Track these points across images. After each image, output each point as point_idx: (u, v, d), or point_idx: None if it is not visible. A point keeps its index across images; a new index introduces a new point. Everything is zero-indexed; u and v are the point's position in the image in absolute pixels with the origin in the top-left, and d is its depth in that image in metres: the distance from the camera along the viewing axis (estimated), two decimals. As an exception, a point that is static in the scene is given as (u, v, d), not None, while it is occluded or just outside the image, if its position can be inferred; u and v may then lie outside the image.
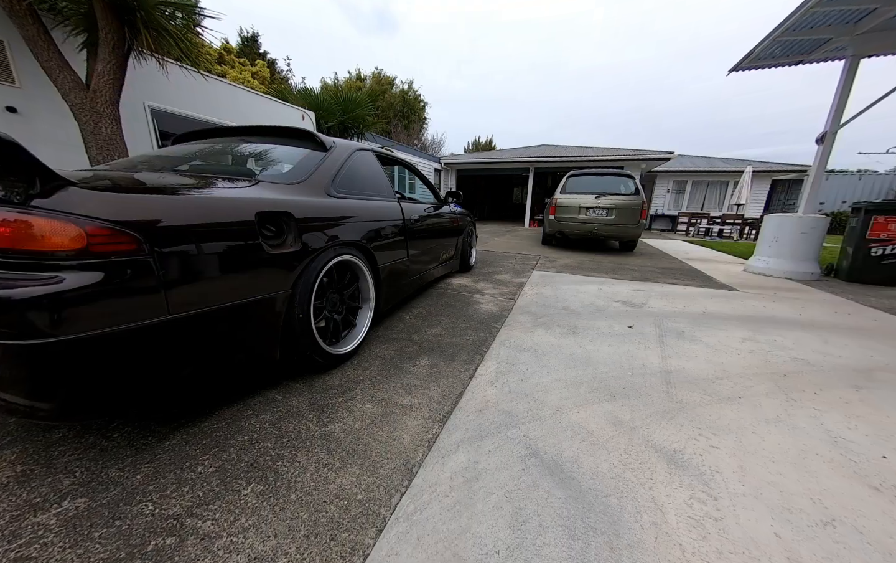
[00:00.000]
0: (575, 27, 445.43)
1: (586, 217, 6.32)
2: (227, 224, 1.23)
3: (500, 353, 2.11)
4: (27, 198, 0.87)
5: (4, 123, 2.99)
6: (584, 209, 6.31)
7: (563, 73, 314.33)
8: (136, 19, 2.54)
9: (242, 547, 0.90)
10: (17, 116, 3.05)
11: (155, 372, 1.10)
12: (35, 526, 0.93)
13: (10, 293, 0.82)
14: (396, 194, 2.61)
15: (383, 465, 1.19)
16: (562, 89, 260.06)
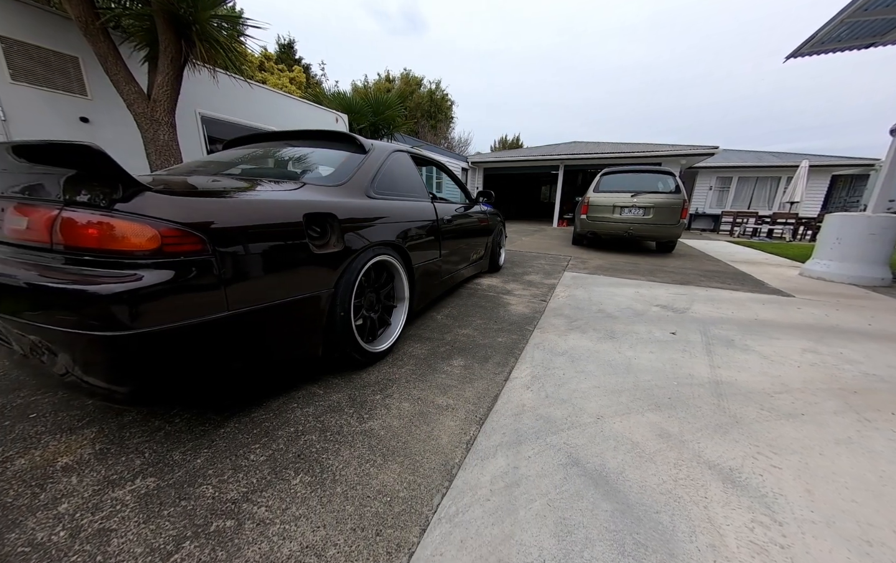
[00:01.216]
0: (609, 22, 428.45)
1: (621, 216, 6.06)
2: (279, 225, 1.29)
3: (535, 356, 2.07)
4: (111, 202, 0.96)
5: (78, 132, 3.31)
6: (618, 208, 6.06)
7: (595, 69, 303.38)
8: (192, 33, 2.74)
9: (294, 535, 0.94)
10: (88, 125, 3.38)
11: (215, 365, 1.18)
12: (113, 501, 1.03)
13: (97, 289, 0.91)
14: (429, 194, 2.63)
15: (423, 464, 1.20)
16: (593, 86, 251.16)
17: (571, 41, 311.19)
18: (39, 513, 0.98)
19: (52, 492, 1.05)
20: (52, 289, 0.94)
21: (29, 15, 2.98)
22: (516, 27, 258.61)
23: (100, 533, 0.93)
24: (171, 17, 2.69)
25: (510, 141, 34.76)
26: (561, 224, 13.81)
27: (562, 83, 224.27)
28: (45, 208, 1.00)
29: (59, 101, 3.20)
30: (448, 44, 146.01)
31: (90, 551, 0.88)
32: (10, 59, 2.88)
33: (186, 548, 0.90)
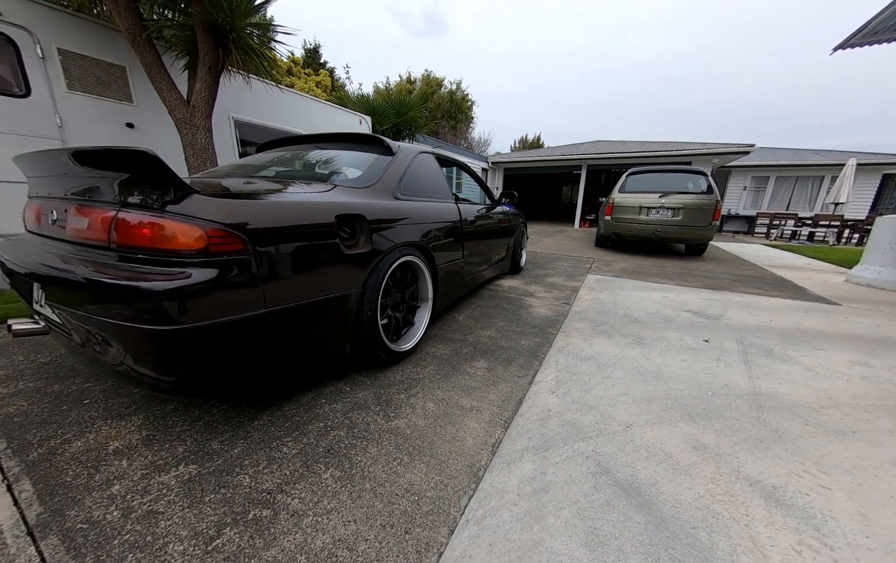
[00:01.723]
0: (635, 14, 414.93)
1: (648, 218, 5.85)
2: (312, 226, 1.33)
3: (559, 360, 2.03)
4: (163, 204, 1.02)
5: (124, 136, 3.54)
6: (645, 209, 5.86)
7: (621, 65, 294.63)
8: (229, 41, 2.88)
9: (327, 528, 0.97)
10: (133, 131, 3.61)
11: (253, 360, 1.23)
12: (160, 485, 1.09)
13: (150, 286, 0.97)
14: (453, 196, 2.64)
15: (449, 465, 1.21)
16: (619, 82, 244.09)
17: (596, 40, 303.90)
18: (95, 493, 1.06)
19: (105, 474, 1.13)
20: (109, 285, 1.01)
21: (84, 29, 3.22)
22: (538, 26, 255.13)
23: (149, 515, 0.99)
24: (209, 26, 2.83)
25: (531, 141, 34.30)
26: (583, 225, 13.50)
27: (585, 81, 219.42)
28: (104, 210, 1.08)
29: (107, 107, 3.43)
30: (469, 44, 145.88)
31: (141, 531, 0.94)
32: (66, 70, 3.12)
33: (227, 534, 0.94)
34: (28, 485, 1.08)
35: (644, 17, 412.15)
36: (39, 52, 2.97)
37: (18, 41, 2.89)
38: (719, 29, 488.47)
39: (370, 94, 10.94)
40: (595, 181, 16.54)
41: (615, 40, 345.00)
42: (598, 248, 7.15)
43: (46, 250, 1.25)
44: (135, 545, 0.90)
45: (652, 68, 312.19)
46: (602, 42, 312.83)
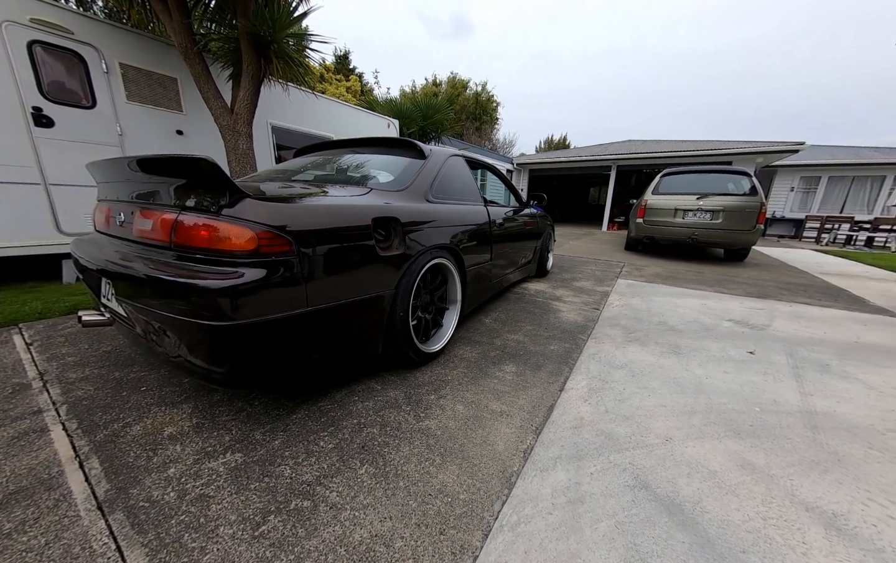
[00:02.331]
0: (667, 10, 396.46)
1: (684, 221, 5.57)
2: (351, 228, 1.38)
3: (591, 368, 1.98)
4: (219, 207, 1.09)
5: (175, 143, 3.81)
6: (681, 211, 5.58)
7: (653, 58, 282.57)
8: (270, 51, 3.03)
9: (364, 522, 1.00)
10: (182, 137, 3.88)
11: (296, 356, 1.29)
12: (209, 471, 1.17)
13: (207, 284, 1.04)
14: (482, 198, 2.63)
15: (481, 468, 1.21)
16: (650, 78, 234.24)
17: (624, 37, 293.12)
18: (154, 474, 1.14)
19: (161, 457, 1.22)
20: (170, 282, 1.09)
21: (141, 44, 3.50)
22: (567, 24, 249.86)
23: (201, 498, 1.06)
24: (252, 38, 3.00)
25: (556, 141, 33.60)
26: (611, 228, 13.06)
27: (615, 79, 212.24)
28: (166, 213, 1.17)
29: (160, 116, 3.71)
30: (495, 44, 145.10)
31: (194, 512, 1.01)
32: (126, 82, 3.41)
33: (271, 522, 0.99)
34: (96, 463, 1.18)
35: (683, 10, 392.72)
36: (104, 67, 3.26)
37: (87, 57, 3.19)
38: (763, 20, 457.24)
39: (397, 97, 11.14)
40: (625, 182, 15.98)
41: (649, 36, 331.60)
42: (629, 251, 6.89)
43: (115, 249, 1.37)
44: (190, 525, 0.97)
45: (691, 63, 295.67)
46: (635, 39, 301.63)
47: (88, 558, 0.87)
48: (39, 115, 2.98)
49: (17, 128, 2.92)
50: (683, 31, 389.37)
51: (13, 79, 2.87)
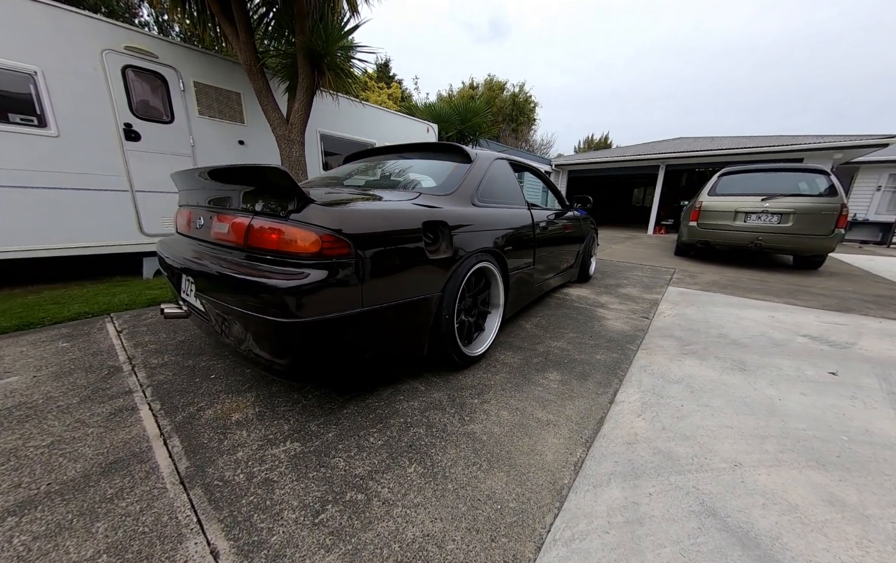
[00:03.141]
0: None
1: (745, 224, 5.09)
2: (403, 231, 1.42)
3: (643, 381, 1.87)
4: (288, 213, 1.17)
5: (237, 152, 4.17)
6: (742, 214, 5.10)
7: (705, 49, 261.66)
8: (323, 64, 3.23)
9: (416, 521, 1.01)
10: (243, 147, 4.22)
11: (351, 353, 1.35)
12: (272, 457, 1.25)
13: (276, 283, 1.12)
14: (526, 201, 2.59)
15: (529, 478, 1.19)
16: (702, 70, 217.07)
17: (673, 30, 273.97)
18: (225, 456, 1.25)
19: (231, 440, 1.33)
20: (243, 280, 1.19)
21: (211, 63, 3.88)
22: (608, 20, 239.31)
23: (266, 482, 1.14)
24: (308, 52, 3.20)
25: (597, 141, 32.24)
26: (658, 231, 12.26)
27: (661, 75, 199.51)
28: (240, 218, 1.28)
29: (225, 128, 4.08)
30: (533, 44, 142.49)
31: (261, 495, 1.09)
32: (199, 98, 3.79)
33: (329, 511, 1.04)
34: (177, 442, 1.32)
35: None
36: (181, 86, 3.66)
37: (168, 78, 3.59)
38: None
39: (434, 102, 11.31)
40: (674, 183, 14.93)
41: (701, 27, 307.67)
42: (679, 257, 6.43)
43: (195, 250, 1.52)
44: (258, 506, 1.05)
45: (749, 55, 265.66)
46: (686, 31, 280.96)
47: (175, 528, 0.97)
48: (129, 130, 3.41)
49: (112, 142, 3.35)
50: (741, 19, 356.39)
51: (110, 99, 3.30)
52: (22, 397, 1.58)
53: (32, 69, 2.92)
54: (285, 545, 0.93)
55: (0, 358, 1.92)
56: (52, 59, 3.00)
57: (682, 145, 12.73)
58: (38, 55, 2.94)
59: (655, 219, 12.30)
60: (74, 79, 3.12)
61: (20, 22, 2.86)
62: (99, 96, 3.25)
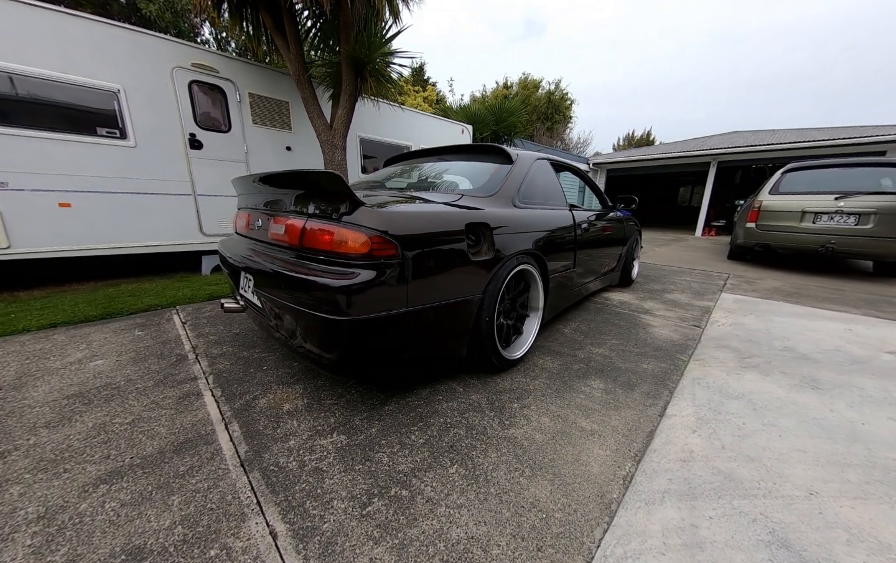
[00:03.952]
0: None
1: (815, 226, 4.58)
2: (447, 233, 1.43)
3: (697, 394, 1.74)
4: (340, 215, 1.23)
5: (285, 157, 4.45)
6: (810, 215, 4.60)
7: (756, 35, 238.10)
8: (365, 71, 3.35)
9: (459, 522, 1.02)
10: (290, 152, 4.49)
11: (395, 352, 1.39)
12: (321, 447, 1.32)
13: (327, 281, 1.18)
14: (567, 202, 2.52)
15: (575, 489, 1.15)
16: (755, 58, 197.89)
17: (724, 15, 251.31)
18: (279, 443, 1.33)
19: (283, 429, 1.42)
20: (297, 278, 1.26)
21: (263, 75, 4.17)
22: (651, 8, 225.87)
23: (316, 471, 1.20)
24: (352, 60, 3.34)
25: (638, 137, 30.59)
26: (707, 233, 11.39)
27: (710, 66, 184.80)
28: (296, 220, 1.35)
29: (274, 135, 4.36)
30: (570, 39, 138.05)
31: (312, 483, 1.14)
32: (252, 109, 4.08)
33: (375, 504, 1.07)
34: (237, 427, 1.42)
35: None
36: (238, 97, 3.96)
37: (226, 90, 3.90)
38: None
39: (468, 103, 11.30)
40: (725, 181, 13.77)
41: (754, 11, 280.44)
42: (733, 261, 5.93)
43: (254, 250, 1.63)
44: (310, 493, 1.10)
45: (813, 37, 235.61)
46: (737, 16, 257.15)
47: (238, 507, 1.05)
48: (193, 139, 3.75)
49: (178, 151, 3.70)
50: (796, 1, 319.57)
51: (178, 112, 3.65)
52: (108, 378, 1.78)
53: (116, 87, 3.30)
54: (336, 533, 0.97)
55: (90, 343, 2.19)
56: (131, 77, 3.38)
57: (737, 140, 11.72)
58: (121, 74, 3.32)
59: (705, 220, 11.44)
60: (149, 94, 3.49)
61: (108, 45, 3.25)
62: (169, 109, 3.60)
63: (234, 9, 3.58)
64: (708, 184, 11.27)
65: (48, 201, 3.16)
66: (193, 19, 8.69)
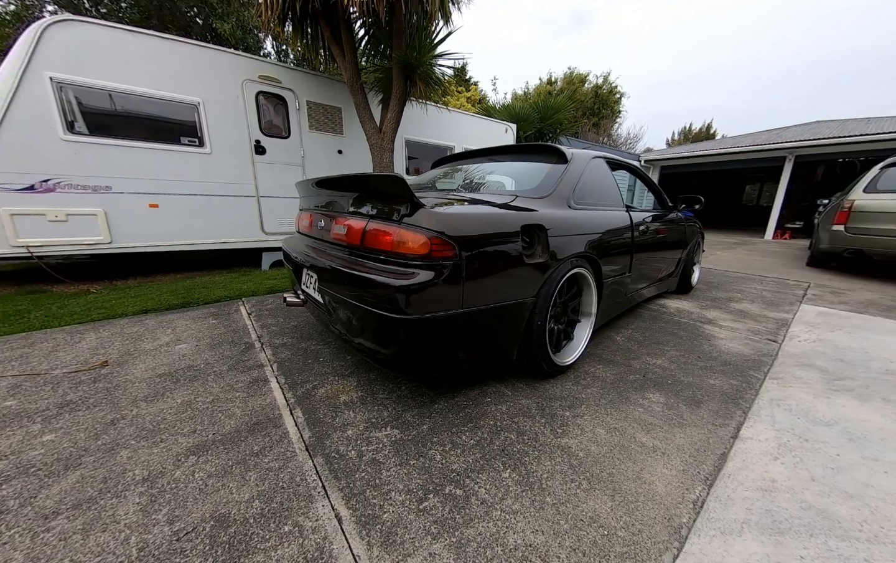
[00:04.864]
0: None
1: (924, 230, 3.91)
2: (502, 234, 1.42)
3: (776, 417, 1.57)
4: (401, 216, 1.27)
5: (336, 160, 4.70)
6: (919, 217, 3.93)
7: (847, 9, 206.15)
8: (415, 74, 3.43)
9: (516, 528, 1.01)
10: (342, 156, 4.73)
11: (448, 351, 1.41)
12: (377, 440, 1.37)
13: (387, 281, 1.23)
14: (623, 203, 2.38)
15: (638, 508, 1.08)
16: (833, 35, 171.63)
17: None
18: (338, 433, 1.41)
19: (341, 419, 1.49)
20: (358, 277, 1.33)
21: (320, 84, 4.45)
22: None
23: (374, 462, 1.25)
24: (402, 65, 3.44)
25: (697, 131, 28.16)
26: (780, 236, 10.21)
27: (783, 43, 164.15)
28: (358, 220, 1.42)
29: (328, 139, 4.63)
30: (620, 31, 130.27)
31: (371, 473, 1.20)
32: (310, 115, 4.36)
33: (431, 500, 1.09)
34: (300, 414, 1.53)
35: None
36: (297, 105, 4.26)
37: (287, 99, 4.21)
38: None
39: (511, 102, 11.11)
40: (804, 177, 12.20)
41: None
42: (814, 268, 5.25)
43: (317, 248, 1.74)
44: (369, 483, 1.15)
45: None
46: None
47: (305, 488, 1.13)
48: (258, 145, 4.09)
49: (245, 156, 4.06)
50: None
51: (245, 121, 4.00)
52: (190, 360, 2.00)
53: (197, 100, 3.70)
54: (396, 524, 1.01)
55: (174, 328, 2.47)
56: (209, 91, 3.76)
57: (819, 131, 10.34)
58: (201, 89, 3.71)
59: (777, 221, 10.24)
60: (223, 106, 3.86)
61: (192, 63, 3.65)
62: (239, 119, 3.96)
63: (296, 23, 3.84)
64: (782, 181, 10.05)
65: (141, 203, 3.62)
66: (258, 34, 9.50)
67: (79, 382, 1.75)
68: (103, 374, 1.83)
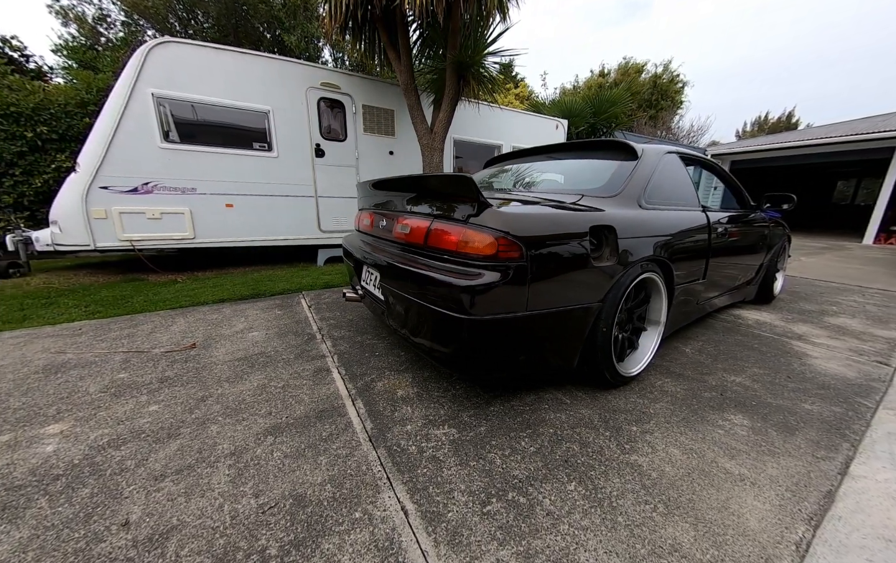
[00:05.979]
0: None
1: None
2: (570, 235, 1.36)
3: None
4: (467, 217, 1.27)
5: (388, 161, 4.86)
6: None
7: None
8: (469, 74, 3.43)
9: (587, 546, 0.95)
10: (393, 157, 4.87)
11: (508, 353, 1.38)
12: (435, 437, 1.38)
13: (452, 280, 1.23)
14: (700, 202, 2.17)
15: (727, 542, 0.98)
16: None
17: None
18: (398, 426, 1.44)
19: (400, 413, 1.53)
20: (422, 276, 1.35)
21: (374, 88, 4.62)
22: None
23: (434, 459, 1.26)
24: (456, 65, 3.46)
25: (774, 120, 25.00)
26: (884, 241, 8.70)
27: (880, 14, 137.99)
28: (422, 220, 1.45)
29: (380, 141, 4.80)
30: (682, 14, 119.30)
31: (432, 469, 1.21)
32: (364, 119, 4.55)
33: (494, 504, 1.08)
34: (361, 405, 1.59)
35: None
36: (353, 109, 4.47)
37: (345, 104, 4.44)
38: None
39: (560, 97, 10.66)
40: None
41: None
42: (937, 280, 4.39)
43: (375, 246, 1.80)
44: (431, 480, 1.17)
45: None
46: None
47: (372, 478, 1.17)
48: (318, 148, 4.36)
49: (307, 159, 4.35)
50: None
51: (308, 126, 4.28)
52: (262, 347, 2.18)
53: (267, 108, 4.03)
54: (460, 525, 1.01)
55: (247, 317, 2.72)
56: (278, 99, 4.09)
57: (944, 115, 8.62)
58: (271, 98, 4.04)
59: (880, 223, 8.74)
60: (289, 112, 4.17)
61: (264, 74, 3.99)
62: (302, 124, 4.26)
63: (356, 30, 4.03)
64: (889, 177, 8.56)
65: (219, 202, 4.03)
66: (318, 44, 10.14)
67: (173, 360, 1.99)
68: (192, 355, 2.06)
